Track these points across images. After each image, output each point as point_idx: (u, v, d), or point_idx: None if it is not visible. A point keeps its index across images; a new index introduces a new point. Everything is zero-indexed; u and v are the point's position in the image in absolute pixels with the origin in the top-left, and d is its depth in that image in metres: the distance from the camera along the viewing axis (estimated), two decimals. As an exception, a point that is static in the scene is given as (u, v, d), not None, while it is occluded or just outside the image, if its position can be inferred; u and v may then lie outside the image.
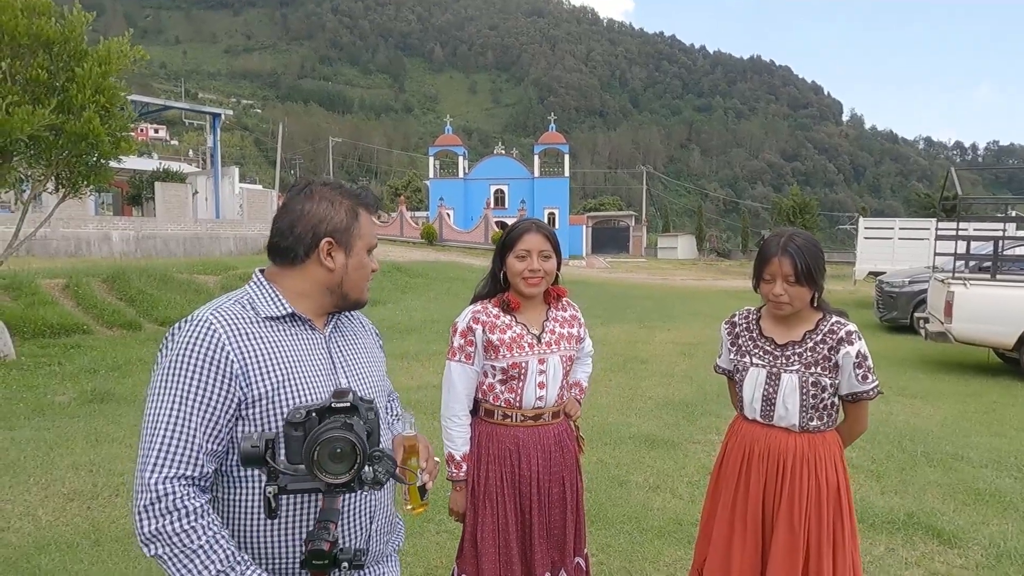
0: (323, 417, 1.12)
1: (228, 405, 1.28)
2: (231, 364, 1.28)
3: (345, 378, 1.43)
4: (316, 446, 1.07)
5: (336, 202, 1.41)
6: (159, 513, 1.21)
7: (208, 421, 1.26)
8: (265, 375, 1.31)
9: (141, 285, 11.11)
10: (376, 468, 1.10)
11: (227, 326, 1.31)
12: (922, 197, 42.12)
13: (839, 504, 2.04)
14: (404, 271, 18.70)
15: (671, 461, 4.69)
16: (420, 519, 3.61)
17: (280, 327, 1.38)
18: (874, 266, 16.51)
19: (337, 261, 1.41)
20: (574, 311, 2.31)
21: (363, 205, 1.45)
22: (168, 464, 1.23)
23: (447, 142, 39.99)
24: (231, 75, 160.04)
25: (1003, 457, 4.87)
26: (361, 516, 1.40)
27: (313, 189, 1.42)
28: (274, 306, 1.38)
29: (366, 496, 1.40)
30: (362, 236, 1.43)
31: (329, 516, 1.13)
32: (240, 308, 1.36)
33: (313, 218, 1.39)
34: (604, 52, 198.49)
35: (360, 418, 1.13)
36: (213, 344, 1.28)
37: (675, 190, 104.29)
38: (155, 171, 27.00)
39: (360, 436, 1.09)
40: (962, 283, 7.71)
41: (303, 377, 1.35)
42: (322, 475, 1.08)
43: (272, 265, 1.44)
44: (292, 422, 1.11)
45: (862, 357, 2.03)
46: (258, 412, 1.30)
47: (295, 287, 1.41)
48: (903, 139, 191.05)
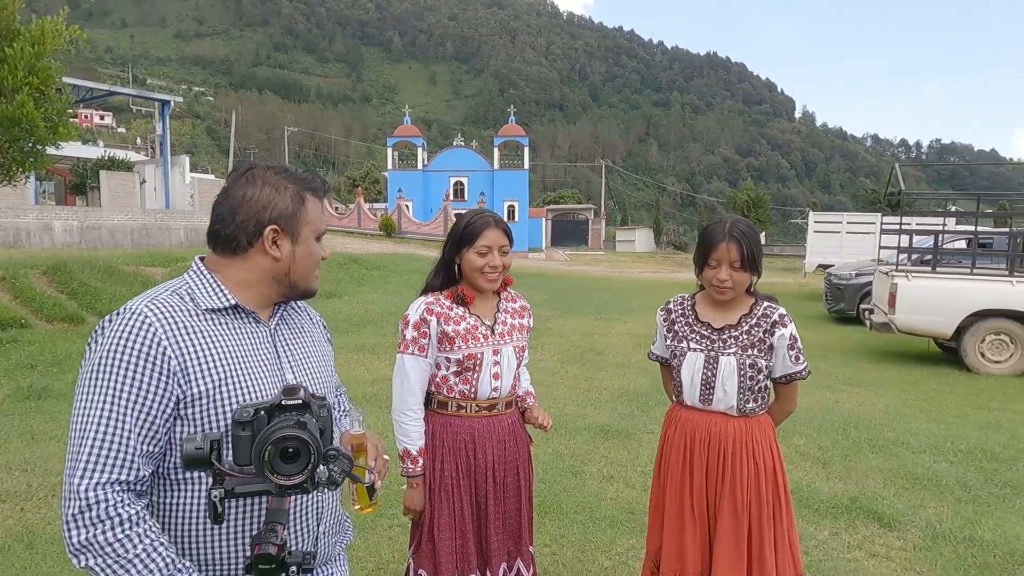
0: (272, 416, 1.06)
1: (165, 404, 1.20)
2: (168, 360, 1.20)
3: (291, 373, 1.37)
4: (267, 446, 1.01)
5: (281, 187, 1.33)
6: (90, 522, 1.13)
7: (143, 421, 1.18)
8: (205, 371, 1.23)
9: (84, 277, 10.67)
10: (331, 467, 1.05)
11: (163, 319, 1.22)
12: (869, 192, 43.59)
13: (775, 484, 2.11)
14: (361, 263, 18.44)
15: (625, 451, 4.73)
16: (372, 514, 3.55)
17: (222, 320, 1.30)
18: (823, 259, 17.02)
19: (283, 249, 1.33)
20: (524, 302, 2.31)
21: (310, 190, 1.37)
22: (99, 469, 1.15)
23: (406, 133, 39.54)
24: (181, 61, 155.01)
25: (941, 443, 5.07)
26: (309, 517, 1.35)
27: (256, 173, 1.34)
28: (216, 297, 1.30)
29: (314, 496, 1.34)
30: (309, 222, 1.35)
31: (277, 518, 1.08)
32: (178, 299, 1.28)
33: (256, 204, 1.31)
34: (564, 45, 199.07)
35: (312, 415, 1.08)
36: (148, 338, 1.19)
37: (633, 184, 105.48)
38: (100, 159, 25.96)
39: (313, 434, 1.04)
40: (904, 275, 7.99)
41: (247, 373, 1.28)
42: (273, 476, 1.02)
43: (213, 254, 1.36)
44: (240, 421, 1.05)
45: (794, 339, 2.12)
46: (198, 411, 1.22)
47: (238, 277, 1.33)
48: (852, 136, 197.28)
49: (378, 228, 33.25)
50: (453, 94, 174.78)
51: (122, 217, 20.38)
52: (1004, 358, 7.75)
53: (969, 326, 7.79)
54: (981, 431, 5.44)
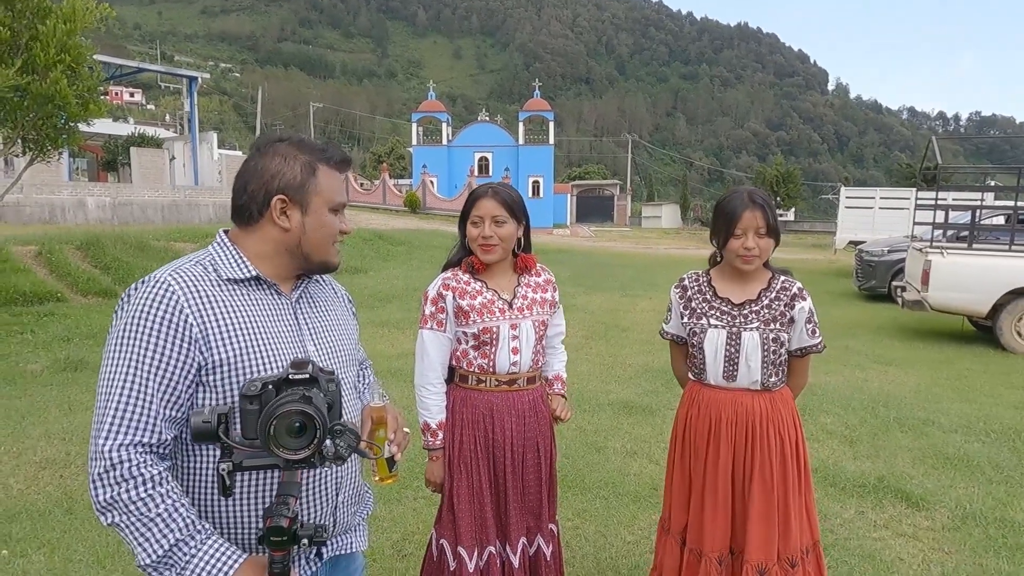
0: (280, 389, 1.06)
1: (187, 370, 1.23)
2: (190, 327, 1.22)
3: (313, 345, 1.38)
4: (272, 420, 1.02)
5: (291, 157, 1.33)
6: (114, 481, 1.17)
7: (165, 386, 1.21)
8: (227, 340, 1.25)
9: (116, 252, 10.91)
10: (337, 442, 1.05)
11: (186, 287, 1.25)
12: (904, 167, 42.42)
13: (797, 457, 2.11)
14: (386, 239, 18.55)
15: (648, 427, 4.73)
16: (398, 486, 3.61)
17: (243, 291, 1.32)
18: (854, 235, 16.65)
19: (293, 220, 1.33)
20: (549, 276, 2.29)
21: (324, 160, 1.35)
22: (123, 431, 1.18)
23: (430, 108, 39.34)
24: (208, 37, 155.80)
25: (972, 423, 4.97)
26: (327, 488, 1.36)
27: (271, 145, 1.34)
28: (237, 268, 1.32)
29: (331, 468, 1.35)
30: (320, 193, 1.34)
31: (289, 490, 1.09)
32: (201, 269, 1.30)
33: (265, 175, 1.31)
34: (591, 18, 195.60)
35: (320, 390, 1.08)
36: (171, 306, 1.22)
37: (660, 159, 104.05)
38: (130, 136, 26.36)
39: (320, 409, 1.03)
40: (939, 252, 7.78)
41: (267, 344, 1.29)
42: (279, 451, 1.03)
43: (235, 226, 1.38)
44: (247, 395, 1.06)
45: (811, 312, 2.12)
46: (219, 379, 1.24)
47: (254, 248, 1.35)
48: (887, 109, 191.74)
49: (403, 204, 33.34)
50: (478, 68, 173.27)
51: (152, 193, 20.72)
52: (1041, 337, 7.54)
53: (1006, 304, 7.58)
54: (1015, 411, 5.32)
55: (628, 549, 3.12)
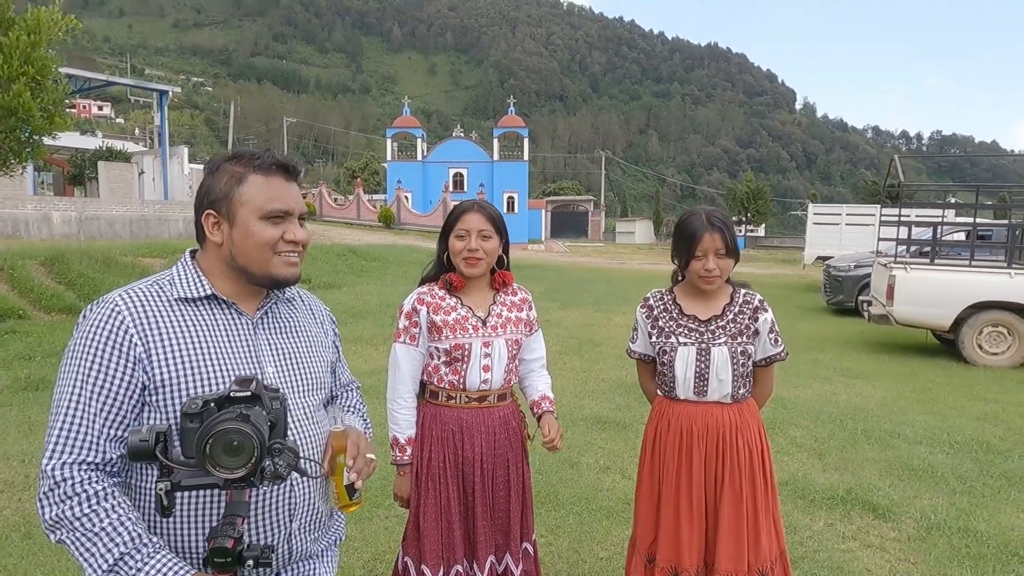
0: (222, 407, 1.06)
1: (131, 390, 1.23)
2: (134, 347, 1.23)
3: (272, 366, 1.36)
4: (208, 438, 1.01)
5: (223, 170, 1.33)
6: (58, 499, 1.17)
7: (109, 406, 1.22)
8: (171, 359, 1.24)
9: (82, 268, 10.66)
10: (276, 461, 1.04)
11: (133, 308, 1.26)
12: (869, 184, 43.49)
13: (763, 466, 2.15)
14: (360, 254, 18.43)
15: (622, 442, 4.74)
16: (369, 505, 3.57)
17: (198, 310, 1.32)
18: (822, 251, 16.97)
19: (223, 234, 1.32)
20: (525, 294, 2.30)
21: (255, 169, 1.32)
22: (67, 450, 1.19)
23: (405, 124, 39.38)
24: (180, 51, 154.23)
25: (936, 434, 5.08)
26: (279, 513, 1.33)
27: (218, 162, 1.35)
28: (192, 287, 1.32)
29: (285, 492, 1.32)
30: (245, 202, 1.30)
31: (237, 510, 1.07)
32: (156, 289, 1.31)
33: (201, 191, 1.34)
34: (564, 36, 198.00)
35: (263, 408, 1.06)
36: (116, 326, 1.23)
37: (633, 175, 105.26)
38: (98, 150, 25.84)
39: (258, 427, 1.02)
40: (903, 267, 7.98)
41: (216, 363, 1.28)
42: (215, 469, 1.01)
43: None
44: (187, 413, 1.05)
45: (773, 322, 2.18)
46: (162, 398, 1.24)
47: (206, 266, 1.37)
48: (853, 128, 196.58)
49: (377, 219, 33.19)
50: (453, 85, 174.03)
51: (120, 208, 20.33)
52: (1002, 350, 7.76)
53: (967, 318, 7.79)
54: (977, 422, 5.45)
55: (601, 565, 3.12)
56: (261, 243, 1.31)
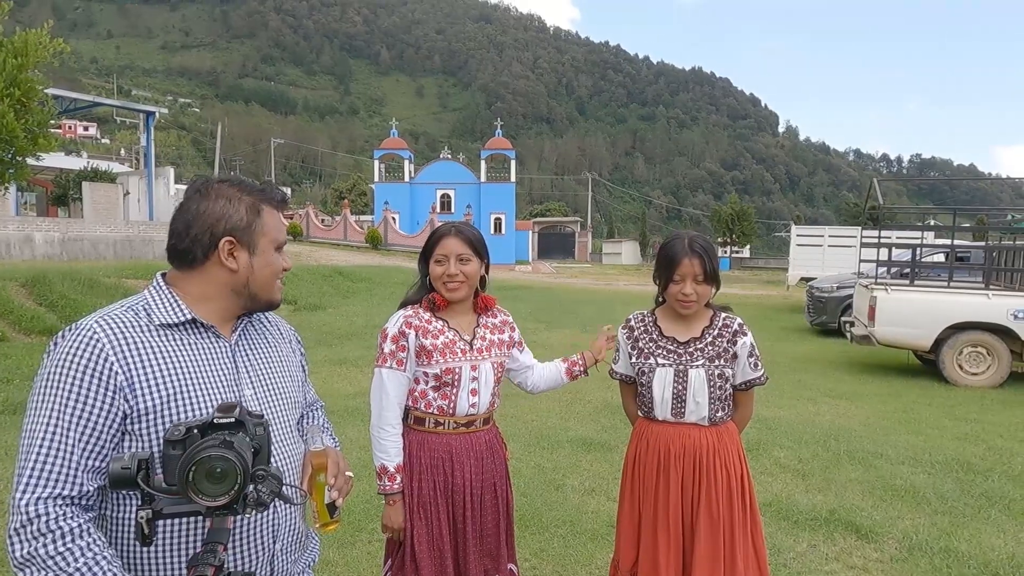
0: (205, 434, 1.05)
1: (111, 419, 1.20)
2: (115, 375, 1.20)
3: (251, 389, 1.36)
4: (192, 466, 1.00)
5: (235, 199, 1.35)
6: (31, 536, 1.13)
7: (88, 437, 1.19)
8: (153, 387, 1.23)
9: (64, 290, 10.56)
10: (259, 488, 1.03)
11: (112, 334, 1.23)
12: (851, 206, 44.17)
13: (743, 490, 2.15)
14: (346, 275, 18.39)
15: (607, 464, 4.74)
16: (352, 529, 3.54)
17: (178, 335, 1.30)
18: (806, 272, 17.18)
19: (240, 261, 1.34)
20: (505, 316, 2.31)
21: (266, 201, 1.38)
22: (41, 484, 1.15)
23: (393, 145, 39.56)
24: (168, 72, 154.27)
25: (919, 454, 5.12)
26: (263, 535, 1.33)
27: (210, 187, 1.36)
28: (172, 312, 1.31)
29: (268, 514, 1.32)
30: (266, 233, 1.37)
31: (218, 537, 1.06)
32: (132, 315, 1.29)
33: (210, 217, 1.32)
34: (551, 59, 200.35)
35: (247, 434, 1.06)
36: (95, 354, 1.20)
37: (620, 197, 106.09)
38: (83, 170, 25.70)
39: (242, 454, 1.02)
40: (884, 288, 8.09)
41: (199, 389, 1.27)
42: (198, 497, 1.00)
43: (172, 269, 1.38)
44: (170, 440, 1.04)
45: (752, 346, 2.19)
46: (145, 427, 1.22)
47: (196, 291, 1.35)
48: (835, 151, 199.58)
49: (364, 240, 33.15)
50: (440, 107, 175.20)
51: (105, 229, 20.18)
52: (981, 370, 7.86)
53: (947, 338, 7.90)
54: (958, 442, 5.51)
55: (585, 589, 3.10)
56: (274, 272, 1.40)
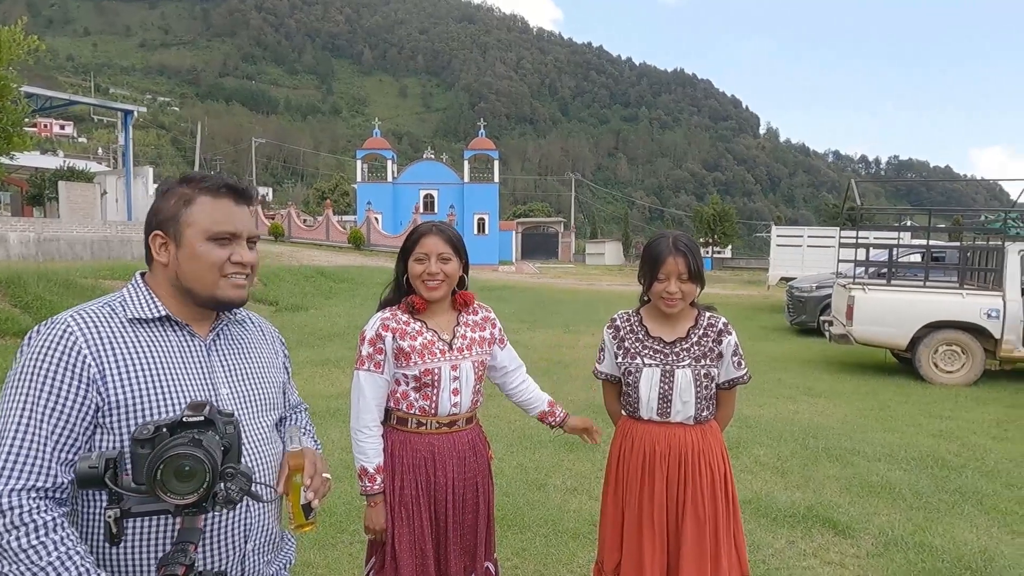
0: (175, 433, 1.05)
1: (84, 412, 1.21)
2: (88, 368, 1.21)
3: (226, 388, 1.36)
4: (160, 464, 1.00)
5: (173, 192, 1.35)
6: (4, 528, 1.13)
7: (61, 429, 1.19)
8: (126, 381, 1.23)
9: (39, 291, 10.38)
10: (228, 486, 1.03)
11: (86, 328, 1.24)
12: (831, 207, 44.66)
13: (726, 488, 2.17)
14: (328, 276, 18.28)
15: (589, 463, 4.76)
16: (333, 530, 3.52)
17: (152, 331, 1.31)
18: (786, 272, 17.34)
19: (169, 254, 1.33)
20: (487, 312, 2.30)
21: (202, 189, 1.33)
22: (15, 475, 1.15)
23: (376, 145, 39.39)
24: (146, 70, 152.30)
25: (895, 451, 5.20)
26: (234, 535, 1.32)
27: (167, 185, 1.37)
28: (145, 308, 1.32)
29: (240, 513, 1.31)
30: (192, 223, 1.32)
31: (189, 536, 1.06)
32: (109, 310, 1.30)
33: (150, 214, 1.35)
34: (534, 60, 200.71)
35: (216, 433, 1.06)
36: (68, 347, 1.21)
37: (603, 197, 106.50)
38: (59, 169, 25.31)
39: (211, 452, 1.02)
40: (861, 288, 8.21)
41: (170, 386, 1.27)
42: (166, 495, 1.00)
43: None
44: (138, 439, 1.04)
45: (737, 345, 2.21)
46: (116, 421, 1.22)
47: (156, 288, 1.36)
48: (814, 152, 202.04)
49: (347, 241, 32.97)
50: (424, 107, 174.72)
51: (82, 229, 19.87)
52: (956, 368, 8.00)
53: (923, 337, 8.03)
54: (933, 439, 5.61)
55: (567, 587, 3.12)
56: (207, 264, 1.32)
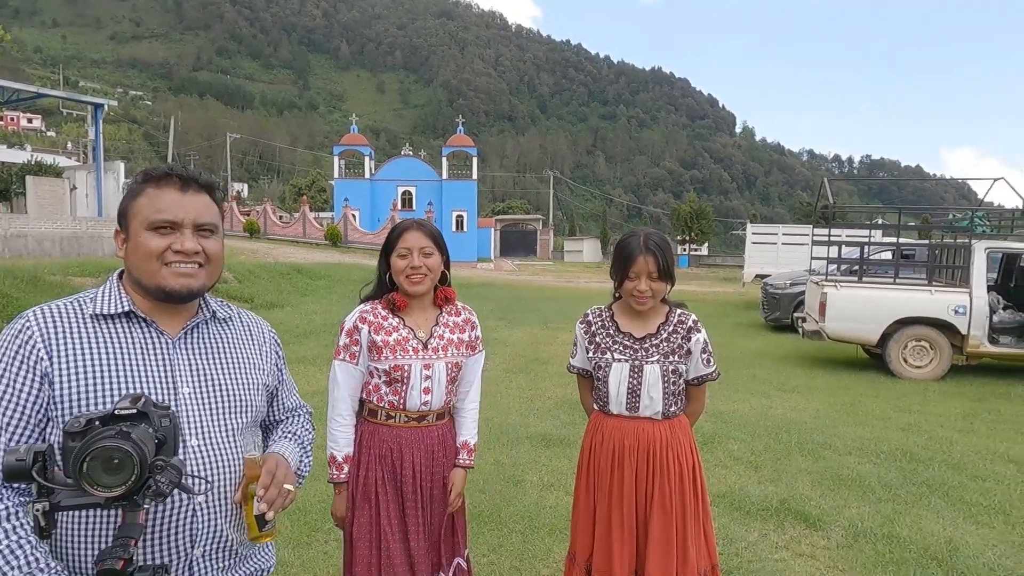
0: (107, 425, 1.05)
1: (38, 404, 1.23)
2: (40, 361, 1.23)
3: (189, 386, 1.34)
4: (86, 456, 0.99)
5: (130, 187, 1.37)
6: None
7: (18, 419, 1.21)
8: (72, 375, 1.24)
9: (5, 288, 10.13)
10: (158, 478, 1.02)
11: (44, 322, 1.26)
12: (805, 205, 45.33)
13: (695, 481, 2.20)
14: (305, 273, 18.11)
15: (566, 459, 4.79)
16: (307, 528, 3.50)
17: (114, 327, 1.31)
18: (760, 269, 17.56)
19: (125, 248, 1.35)
20: (468, 315, 2.30)
21: (148, 181, 1.33)
22: None
23: (353, 141, 39.08)
24: (117, 63, 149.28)
25: (865, 445, 5.30)
26: (179, 536, 1.29)
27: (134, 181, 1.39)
28: (110, 303, 1.32)
29: (186, 516, 1.29)
30: (136, 214, 1.32)
31: (129, 532, 1.06)
32: (75, 306, 1.31)
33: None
34: (513, 57, 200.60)
35: (150, 425, 1.06)
36: (24, 340, 1.24)
37: (581, 195, 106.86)
38: (27, 164, 24.76)
39: (140, 445, 1.01)
40: (833, 285, 8.34)
41: (120, 380, 1.27)
42: (92, 488, 1.00)
43: None
44: (70, 431, 1.03)
45: (706, 343, 2.23)
46: (61, 414, 1.23)
47: (126, 285, 1.37)
48: (789, 151, 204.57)
49: (324, 237, 32.70)
50: (402, 103, 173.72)
51: (50, 225, 19.44)
52: (925, 363, 8.17)
53: (893, 333, 8.19)
54: (902, 433, 5.73)
55: (543, 582, 3.13)
56: (146, 253, 1.31)
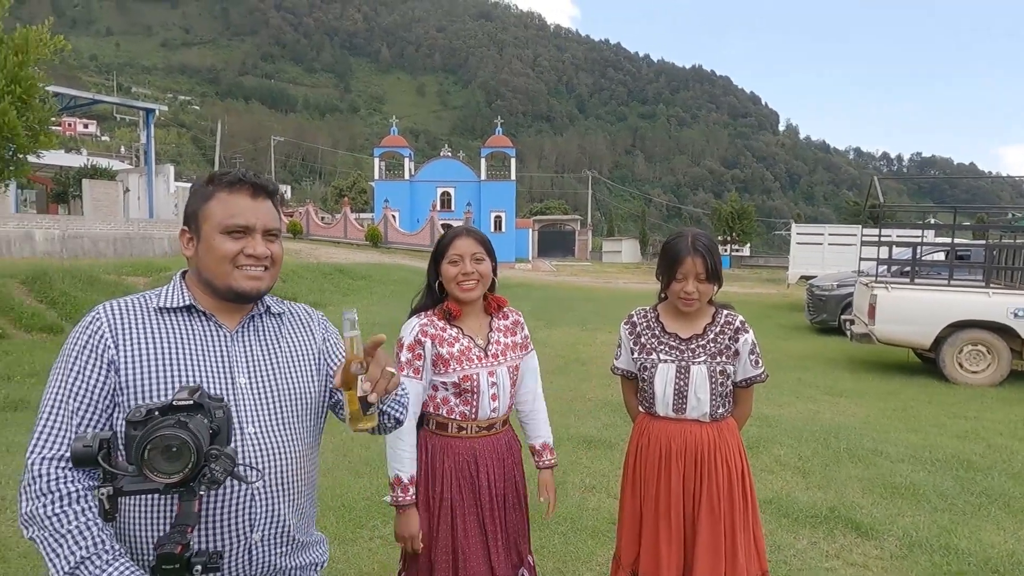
0: (166, 415, 1.11)
1: (105, 391, 1.31)
2: (108, 350, 1.31)
3: (245, 378, 1.40)
4: (147, 444, 1.06)
5: (197, 189, 1.44)
6: (35, 494, 1.22)
7: (87, 405, 1.29)
8: (136, 364, 1.32)
9: (64, 287, 10.57)
10: (213, 467, 1.08)
11: (113, 315, 1.35)
12: (851, 205, 44.15)
13: (744, 485, 2.16)
14: (346, 273, 18.40)
15: (607, 461, 4.75)
16: (352, 525, 3.54)
17: (176, 320, 1.39)
18: (806, 270, 17.18)
19: (193, 248, 1.43)
20: (517, 317, 2.31)
21: (220, 186, 1.41)
22: (47, 445, 1.25)
23: (393, 143, 39.54)
24: (168, 70, 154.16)
25: (918, 452, 5.13)
26: (238, 521, 1.35)
27: (198, 183, 1.46)
28: (172, 298, 1.40)
29: (244, 501, 1.34)
30: (208, 218, 1.39)
31: (185, 520, 1.11)
32: (142, 300, 1.40)
33: (183, 213, 1.45)
34: (551, 57, 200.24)
35: (206, 416, 1.12)
36: (94, 331, 1.33)
37: (620, 195, 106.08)
38: (83, 168, 25.70)
39: (197, 434, 1.07)
40: (884, 287, 8.09)
41: (180, 370, 1.33)
42: (152, 474, 1.06)
43: None
44: (131, 421, 1.09)
45: (754, 344, 2.20)
46: (127, 400, 1.31)
47: (189, 282, 1.45)
48: (835, 149, 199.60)
49: (364, 238, 33.14)
50: (440, 105, 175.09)
51: (105, 226, 20.18)
52: (981, 368, 7.86)
53: (947, 336, 7.90)
54: (958, 440, 5.51)
55: (586, 585, 3.11)
56: (220, 256, 1.39)
